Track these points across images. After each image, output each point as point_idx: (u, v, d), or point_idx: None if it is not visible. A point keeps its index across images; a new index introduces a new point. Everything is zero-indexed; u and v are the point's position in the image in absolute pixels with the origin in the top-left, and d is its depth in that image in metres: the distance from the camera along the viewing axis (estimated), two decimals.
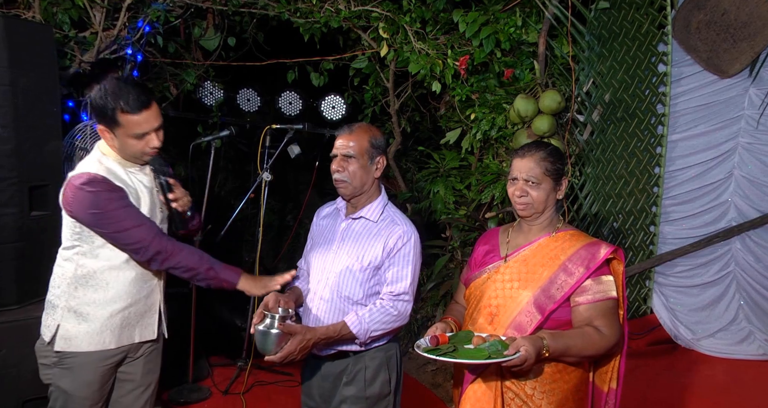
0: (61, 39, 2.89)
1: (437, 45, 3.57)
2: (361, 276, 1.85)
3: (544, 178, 1.70)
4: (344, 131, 1.90)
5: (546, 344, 1.53)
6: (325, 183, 5.29)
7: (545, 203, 1.72)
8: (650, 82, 3.25)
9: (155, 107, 1.87)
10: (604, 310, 1.62)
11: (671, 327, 3.35)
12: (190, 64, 3.67)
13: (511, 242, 1.80)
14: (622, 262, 1.70)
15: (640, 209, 3.37)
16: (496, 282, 1.73)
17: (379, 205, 1.91)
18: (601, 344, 1.59)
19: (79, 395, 1.88)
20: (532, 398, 1.63)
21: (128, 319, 1.95)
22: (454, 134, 3.81)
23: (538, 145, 1.75)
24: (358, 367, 1.88)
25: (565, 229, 1.76)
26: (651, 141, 3.29)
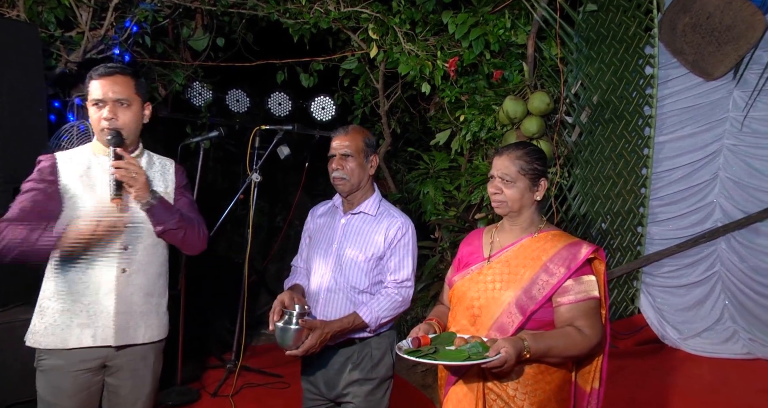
0: (46, 38, 2.85)
1: (427, 46, 3.58)
2: (366, 266, 1.98)
3: (518, 177, 1.70)
4: (340, 132, 2.05)
5: (527, 345, 1.54)
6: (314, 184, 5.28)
7: (520, 202, 1.72)
8: (637, 84, 3.28)
9: (122, 81, 1.82)
10: (586, 310, 1.63)
11: (658, 327, 3.38)
12: (178, 64, 3.65)
13: (494, 243, 1.80)
14: (603, 261, 1.71)
15: (628, 210, 3.40)
16: (478, 283, 1.73)
17: (376, 201, 2.06)
18: (584, 344, 1.60)
19: (52, 401, 1.79)
20: (514, 399, 1.63)
21: (80, 318, 1.81)
22: (444, 135, 3.82)
23: (518, 145, 1.76)
24: (365, 353, 2.00)
25: (547, 230, 1.76)
26: (638, 142, 3.32)
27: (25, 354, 2.28)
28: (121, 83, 1.82)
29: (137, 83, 1.88)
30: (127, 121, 1.84)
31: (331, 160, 2.03)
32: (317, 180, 5.10)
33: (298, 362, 2.13)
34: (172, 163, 2.04)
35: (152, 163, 1.99)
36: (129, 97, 1.83)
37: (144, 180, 1.80)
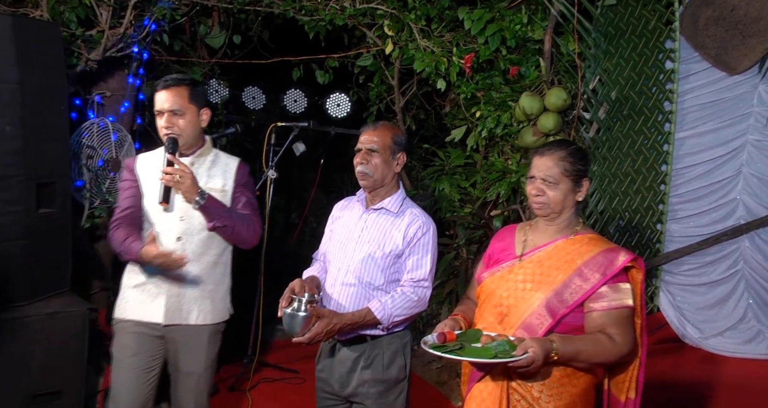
0: (68, 37, 2.90)
1: (442, 42, 3.56)
2: (383, 263, 1.96)
3: (562, 179, 1.65)
4: (369, 128, 2.04)
5: (555, 347, 1.51)
6: (329, 181, 5.30)
7: (562, 204, 1.67)
8: (657, 80, 3.22)
9: (177, 92, 2.06)
10: (619, 318, 1.58)
11: (678, 326, 3.33)
12: (195, 62, 3.68)
13: (527, 241, 1.75)
14: (641, 270, 1.65)
15: (647, 207, 3.35)
16: (508, 281, 1.70)
17: (399, 198, 2.04)
18: (613, 352, 1.56)
19: (119, 356, 2.10)
20: (539, 401, 1.60)
21: (141, 296, 2.11)
22: (459, 132, 3.80)
23: (560, 144, 1.71)
24: (376, 352, 1.97)
25: (584, 233, 1.70)
26: (658, 138, 3.27)
27: (46, 347, 2.33)
28: (176, 94, 2.06)
29: (192, 93, 2.09)
30: (183, 128, 2.07)
31: (357, 154, 2.02)
32: (332, 177, 5.12)
33: (313, 358, 2.13)
34: (236, 162, 2.22)
35: (217, 162, 2.19)
36: (182, 107, 2.06)
37: (189, 184, 1.99)
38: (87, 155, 3.02)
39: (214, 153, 2.21)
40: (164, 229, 2.09)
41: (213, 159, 2.19)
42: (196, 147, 2.16)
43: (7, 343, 2.24)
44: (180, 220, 2.09)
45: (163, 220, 2.10)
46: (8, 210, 2.31)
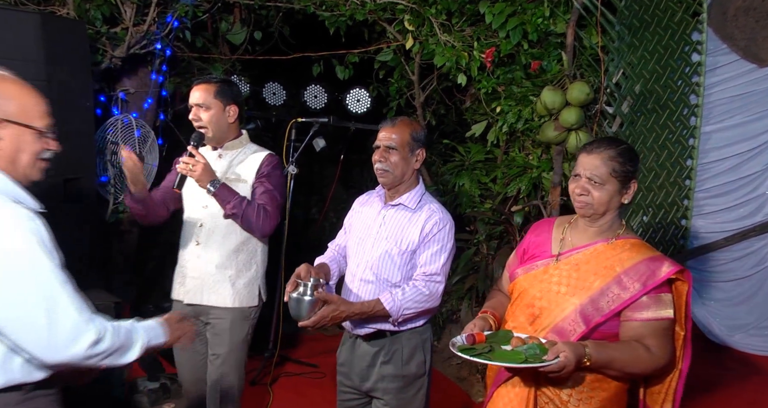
0: (93, 35, 2.95)
1: (463, 37, 3.53)
2: (399, 260, 1.96)
3: (609, 179, 1.56)
4: (387, 124, 2.03)
5: (588, 353, 1.46)
6: (349, 176, 5.31)
7: (607, 205, 1.58)
8: (683, 73, 3.16)
9: (203, 89, 2.24)
10: (658, 330, 1.52)
11: (704, 323, 3.28)
12: (217, 58, 3.71)
13: (565, 240, 1.68)
14: (686, 282, 1.57)
15: (671, 202, 3.29)
16: (542, 282, 1.63)
17: (417, 194, 2.03)
18: (648, 364, 1.51)
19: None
20: (568, 405, 1.56)
21: (177, 277, 2.34)
22: (480, 127, 3.78)
23: (610, 143, 1.62)
24: (395, 348, 1.97)
25: (626, 237, 1.62)
26: (683, 133, 3.20)
27: None
28: (203, 90, 2.24)
29: (218, 89, 2.25)
30: (207, 121, 2.24)
31: (375, 150, 2.01)
32: (352, 172, 5.12)
33: (333, 353, 2.15)
34: (263, 155, 2.33)
35: (246, 155, 2.33)
36: (207, 101, 2.23)
37: (200, 173, 2.14)
38: (111, 151, 3.07)
39: (246, 146, 2.36)
40: (190, 215, 2.31)
41: (243, 151, 2.34)
42: (227, 139, 2.32)
43: None
44: (203, 207, 2.27)
45: (190, 207, 2.32)
46: None
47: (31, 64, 2.30)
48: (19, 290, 1.24)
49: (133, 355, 1.37)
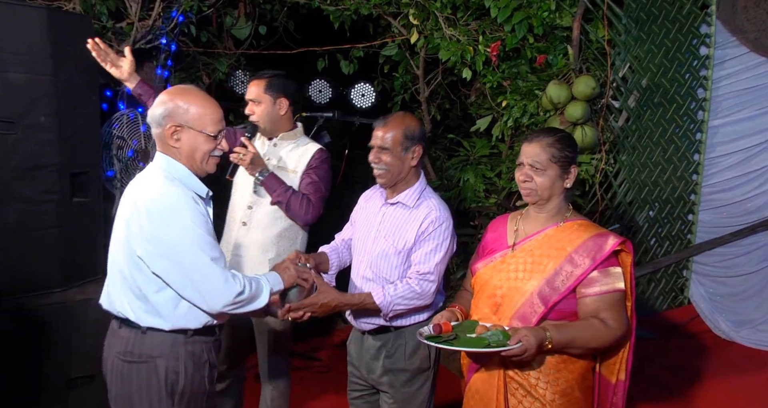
0: (99, 30, 2.95)
1: (468, 31, 3.51)
2: (396, 260, 1.97)
3: (549, 165, 1.67)
4: (380, 123, 2.01)
5: (549, 336, 1.54)
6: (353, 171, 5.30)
7: (550, 190, 1.69)
8: (691, 66, 3.14)
9: (255, 84, 2.42)
10: (611, 303, 1.61)
11: (710, 318, 3.27)
12: (222, 53, 3.71)
13: (519, 231, 1.78)
14: (630, 253, 1.67)
15: (678, 197, 3.27)
16: (501, 271, 1.72)
17: (416, 191, 2.01)
18: (608, 337, 1.58)
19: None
20: (536, 388, 1.63)
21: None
22: (485, 121, 3.76)
23: (548, 131, 1.73)
24: (399, 342, 1.99)
25: (573, 219, 1.73)
26: (690, 127, 3.19)
27: (81, 334, 2.40)
28: (254, 86, 2.42)
29: (268, 84, 2.41)
30: (259, 115, 2.42)
31: (371, 150, 2.01)
32: (357, 167, 5.12)
33: (337, 347, 2.16)
34: (314, 148, 2.47)
35: (298, 147, 2.47)
36: (258, 96, 2.42)
37: (249, 162, 2.29)
38: (117, 146, 3.08)
39: (300, 138, 2.52)
40: (239, 199, 2.46)
41: (295, 143, 2.49)
42: (280, 131, 2.47)
43: (44, 329, 2.32)
44: (253, 192, 2.42)
45: (240, 192, 2.48)
46: (44, 199, 2.37)
47: (38, 59, 2.30)
48: (181, 255, 1.59)
49: (263, 300, 1.69)
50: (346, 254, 2.20)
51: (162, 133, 1.69)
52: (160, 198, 1.61)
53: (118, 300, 1.71)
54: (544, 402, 1.62)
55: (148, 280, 1.63)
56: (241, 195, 2.47)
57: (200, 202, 1.68)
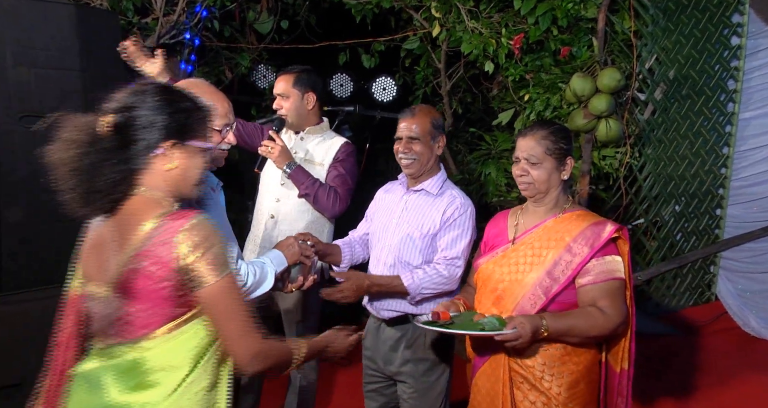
0: (125, 25, 3.00)
1: (491, 24, 3.48)
2: (420, 243, 2.00)
3: (545, 158, 1.68)
4: (407, 115, 2.06)
5: (545, 324, 1.54)
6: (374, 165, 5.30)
7: (547, 183, 1.70)
8: (721, 57, 3.06)
9: (283, 79, 2.45)
10: (609, 290, 1.61)
11: (739, 315, 3.20)
12: (244, 47, 3.74)
13: (518, 225, 1.79)
14: (627, 242, 1.67)
15: (705, 191, 3.20)
16: (502, 266, 1.73)
17: (439, 180, 2.07)
18: (605, 324, 1.58)
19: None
20: (541, 381, 1.63)
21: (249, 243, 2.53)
22: (507, 115, 3.72)
23: (542, 124, 1.74)
24: (418, 332, 2.01)
25: (572, 210, 1.74)
26: (720, 119, 3.11)
27: None
28: (282, 81, 2.45)
29: (296, 79, 2.44)
30: (287, 109, 2.46)
31: (397, 142, 2.06)
32: (377, 161, 5.12)
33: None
34: (340, 142, 2.51)
35: (325, 140, 2.52)
36: (286, 91, 2.45)
37: (277, 156, 2.34)
38: None
39: (326, 132, 2.56)
40: (267, 192, 2.50)
41: (322, 137, 2.53)
42: (307, 124, 2.51)
43: None
44: (280, 185, 2.46)
45: (268, 185, 2.52)
46: None
47: (66, 55, 2.35)
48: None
49: (269, 285, 1.71)
50: (359, 250, 2.22)
51: None
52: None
53: None
54: (549, 395, 1.62)
55: None
56: (268, 188, 2.52)
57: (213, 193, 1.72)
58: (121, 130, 1.18)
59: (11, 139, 2.22)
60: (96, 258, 1.24)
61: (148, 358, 1.17)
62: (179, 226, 1.14)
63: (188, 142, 1.24)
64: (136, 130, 1.19)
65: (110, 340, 1.22)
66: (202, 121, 1.28)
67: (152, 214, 1.17)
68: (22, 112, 2.23)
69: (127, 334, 1.19)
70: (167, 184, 1.23)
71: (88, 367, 1.24)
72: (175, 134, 1.22)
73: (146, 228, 1.15)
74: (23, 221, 2.28)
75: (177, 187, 1.25)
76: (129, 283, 1.16)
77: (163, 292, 1.15)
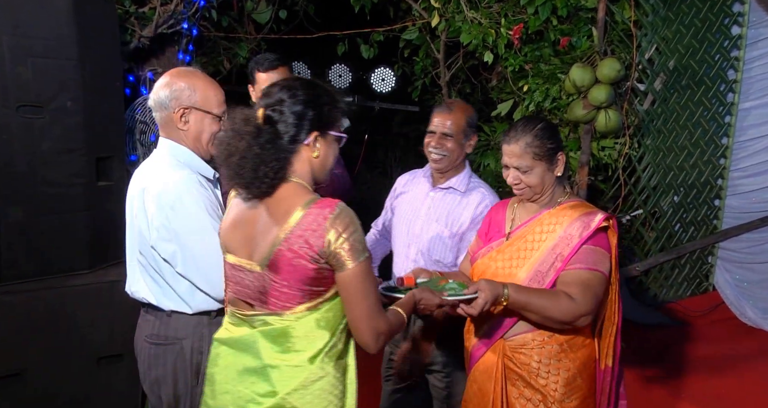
0: (122, 15, 2.98)
1: (490, 14, 3.46)
2: (450, 242, 2.01)
3: (534, 163, 1.63)
4: (443, 110, 2.04)
5: (506, 293, 1.51)
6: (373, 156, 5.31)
7: (542, 185, 1.66)
8: (721, 46, 3.05)
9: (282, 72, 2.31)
10: (584, 280, 1.56)
11: (736, 305, 3.21)
12: (242, 37, 3.72)
13: (515, 219, 1.77)
14: (616, 233, 1.65)
15: (704, 182, 3.20)
16: (497, 261, 1.71)
17: (466, 177, 2.07)
18: (566, 309, 1.52)
19: None
20: (537, 378, 1.62)
21: None
22: (506, 106, 3.72)
23: (525, 126, 1.65)
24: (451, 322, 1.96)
25: (567, 201, 1.70)
26: (719, 109, 3.10)
27: (111, 313, 2.46)
28: (282, 75, 2.31)
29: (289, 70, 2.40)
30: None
31: (430, 135, 2.03)
32: (376, 152, 5.11)
33: None
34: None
35: None
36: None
37: None
38: (140, 130, 3.12)
39: None
40: None
41: None
42: None
43: (72, 310, 2.37)
44: None
45: None
46: (72, 182, 2.41)
47: (64, 44, 2.33)
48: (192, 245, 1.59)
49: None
50: (385, 243, 2.24)
51: (169, 116, 1.69)
52: (166, 187, 1.62)
53: (139, 286, 1.75)
54: (545, 393, 1.60)
55: (165, 268, 1.66)
56: None
57: (207, 186, 1.69)
58: (278, 122, 1.32)
59: (9, 130, 2.20)
60: (241, 235, 1.36)
61: (294, 327, 1.31)
62: (328, 214, 1.26)
63: (328, 131, 1.37)
64: (289, 122, 1.31)
65: (257, 310, 1.35)
66: (338, 112, 1.40)
67: (301, 201, 1.30)
68: (19, 102, 2.21)
69: (273, 306, 1.32)
70: (310, 171, 1.37)
71: (238, 334, 1.38)
72: (319, 125, 1.35)
73: (297, 213, 1.28)
74: (22, 211, 2.28)
75: (316, 174, 1.38)
76: (279, 262, 1.28)
77: (309, 272, 1.28)
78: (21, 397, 2.25)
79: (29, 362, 2.26)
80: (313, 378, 1.30)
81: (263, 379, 1.32)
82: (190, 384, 1.69)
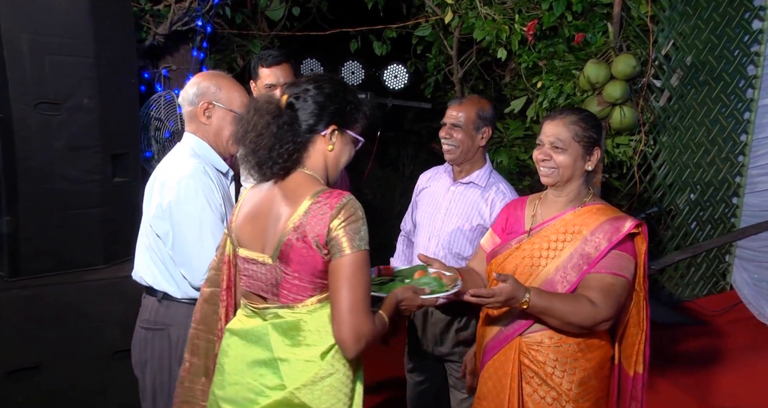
0: (137, 12, 3.00)
1: (504, 10, 3.43)
2: (471, 235, 2.05)
3: (572, 144, 1.59)
4: (455, 102, 2.10)
5: (528, 297, 1.48)
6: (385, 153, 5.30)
7: (572, 171, 1.60)
8: (741, 41, 2.99)
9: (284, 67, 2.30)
10: (607, 285, 1.52)
11: (755, 304, 3.16)
12: (256, 34, 3.73)
13: (536, 216, 1.71)
14: (645, 240, 1.59)
15: (722, 180, 3.16)
16: (516, 258, 1.67)
17: (486, 172, 2.11)
18: (588, 315, 1.49)
19: None
20: (552, 377, 1.59)
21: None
22: (519, 103, 3.69)
23: (573, 109, 1.65)
24: (468, 314, 2.05)
25: (593, 203, 1.65)
26: (738, 106, 3.05)
27: (126, 308, 2.49)
28: (284, 70, 2.32)
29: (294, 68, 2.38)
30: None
31: (443, 127, 2.09)
32: (388, 149, 5.11)
33: None
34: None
35: None
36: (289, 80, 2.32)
37: None
38: (155, 127, 3.15)
39: None
40: None
41: None
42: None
43: (87, 304, 2.41)
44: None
45: None
46: (88, 178, 2.44)
47: (80, 42, 2.36)
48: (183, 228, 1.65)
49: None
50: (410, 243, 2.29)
51: (194, 110, 1.78)
52: (176, 170, 1.71)
53: (142, 267, 1.82)
54: (560, 391, 1.58)
55: (161, 245, 1.73)
56: None
57: (217, 178, 1.75)
58: (298, 109, 1.34)
59: (27, 127, 2.24)
60: (253, 228, 1.37)
61: (306, 320, 1.31)
62: (335, 203, 1.27)
63: (347, 130, 1.39)
64: (309, 110, 1.34)
65: (270, 303, 1.36)
66: (362, 116, 1.42)
67: (310, 191, 1.31)
68: (37, 99, 2.24)
69: (285, 299, 1.33)
70: (324, 164, 1.38)
71: (249, 325, 1.39)
72: (339, 121, 1.36)
73: (305, 203, 1.29)
74: (39, 207, 2.31)
75: (327, 169, 1.39)
76: (288, 253, 1.29)
77: (318, 264, 1.28)
78: (37, 390, 2.29)
79: (45, 355, 2.30)
80: (323, 374, 1.29)
81: (273, 371, 1.32)
82: (174, 371, 1.72)
